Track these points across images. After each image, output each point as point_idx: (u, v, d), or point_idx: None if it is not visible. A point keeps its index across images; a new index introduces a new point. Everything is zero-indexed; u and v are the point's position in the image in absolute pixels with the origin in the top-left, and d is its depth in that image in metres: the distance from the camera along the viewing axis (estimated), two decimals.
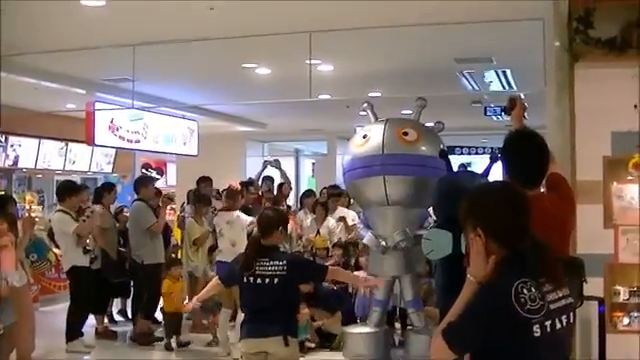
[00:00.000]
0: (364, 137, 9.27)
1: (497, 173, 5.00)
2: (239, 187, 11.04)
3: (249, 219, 10.41)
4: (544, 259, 2.98)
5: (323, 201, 12.57)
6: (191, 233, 11.34)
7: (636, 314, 6.99)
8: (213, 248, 11.13)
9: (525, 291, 2.81)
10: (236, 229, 10.25)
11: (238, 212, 10.47)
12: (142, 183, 11.21)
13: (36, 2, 8.18)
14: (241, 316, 7.18)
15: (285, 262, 5.93)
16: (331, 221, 11.90)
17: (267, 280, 5.87)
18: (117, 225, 11.25)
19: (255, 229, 11.52)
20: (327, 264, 9.25)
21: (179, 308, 9.99)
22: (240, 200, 10.94)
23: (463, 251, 3.40)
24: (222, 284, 6.50)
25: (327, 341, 10.09)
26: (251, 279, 5.90)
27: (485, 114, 16.35)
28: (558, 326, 2.89)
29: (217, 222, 10.72)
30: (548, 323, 2.85)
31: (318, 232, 11.76)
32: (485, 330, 2.87)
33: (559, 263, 3.11)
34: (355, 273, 9.68)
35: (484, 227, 3.00)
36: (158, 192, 11.99)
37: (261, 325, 5.89)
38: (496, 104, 15.48)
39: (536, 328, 2.81)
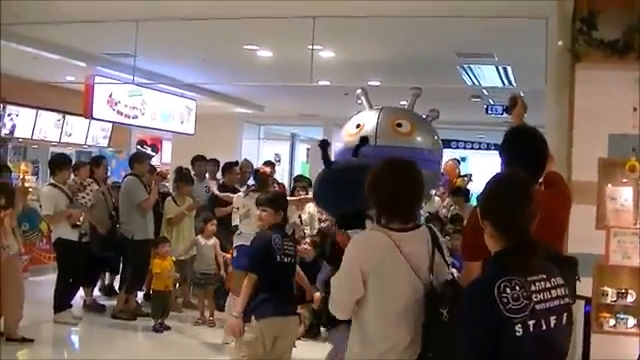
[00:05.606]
0: (357, 126, 9.24)
1: None
2: (268, 170, 10.71)
3: None
4: (536, 256, 2.96)
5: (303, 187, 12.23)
6: (166, 212, 11.20)
7: (622, 316, 7.06)
8: (202, 230, 10.91)
9: (508, 290, 2.80)
10: None
11: None
12: (137, 159, 11.19)
13: None
14: None
15: (292, 243, 6.25)
16: (311, 206, 11.74)
17: (287, 259, 6.08)
18: (113, 200, 11.08)
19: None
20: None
21: (167, 287, 9.97)
22: (271, 184, 10.71)
23: None
24: (255, 276, 6.08)
25: None
26: (279, 257, 6.01)
27: (487, 112, 16.41)
28: (544, 326, 2.86)
29: (246, 202, 9.73)
30: (532, 322, 2.82)
31: (300, 217, 11.66)
32: (476, 329, 2.86)
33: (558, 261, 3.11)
34: None
35: (488, 217, 2.99)
36: (152, 169, 11.96)
37: (284, 304, 6.02)
38: (497, 101, 15.50)
39: (518, 327, 2.79)
